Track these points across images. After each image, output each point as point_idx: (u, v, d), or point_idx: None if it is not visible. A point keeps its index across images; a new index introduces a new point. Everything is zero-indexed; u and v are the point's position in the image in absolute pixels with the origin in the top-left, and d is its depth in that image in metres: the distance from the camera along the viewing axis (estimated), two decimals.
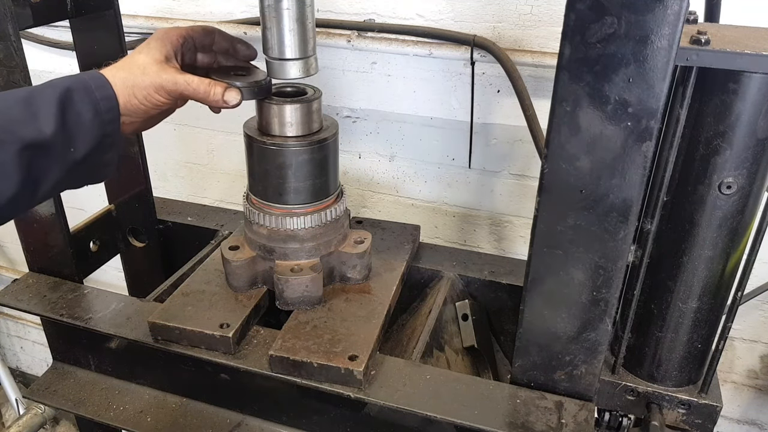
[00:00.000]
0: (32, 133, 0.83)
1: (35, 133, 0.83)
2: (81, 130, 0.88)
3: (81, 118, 0.87)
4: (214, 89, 0.99)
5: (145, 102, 0.95)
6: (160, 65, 0.96)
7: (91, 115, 0.88)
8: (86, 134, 0.88)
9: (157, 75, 0.95)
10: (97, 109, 0.89)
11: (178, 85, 0.96)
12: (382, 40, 1.68)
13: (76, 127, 0.87)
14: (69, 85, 0.88)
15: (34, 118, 0.84)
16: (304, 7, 1.04)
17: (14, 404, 2.59)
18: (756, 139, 0.85)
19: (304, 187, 1.14)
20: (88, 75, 0.92)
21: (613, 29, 0.78)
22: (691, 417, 1.08)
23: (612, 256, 0.93)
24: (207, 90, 0.99)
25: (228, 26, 1.80)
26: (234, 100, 1.01)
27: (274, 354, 1.07)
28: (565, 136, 0.86)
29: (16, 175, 0.82)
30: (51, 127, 0.84)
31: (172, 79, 0.96)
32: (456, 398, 1.04)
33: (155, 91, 0.95)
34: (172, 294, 1.22)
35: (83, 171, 0.92)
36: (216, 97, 1.00)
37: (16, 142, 0.81)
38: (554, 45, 1.42)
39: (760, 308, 1.79)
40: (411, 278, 1.43)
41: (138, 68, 0.95)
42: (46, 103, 0.85)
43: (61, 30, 2.07)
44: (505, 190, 1.83)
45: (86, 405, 1.27)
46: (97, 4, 1.30)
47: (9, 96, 0.86)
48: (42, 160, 0.85)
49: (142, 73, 0.95)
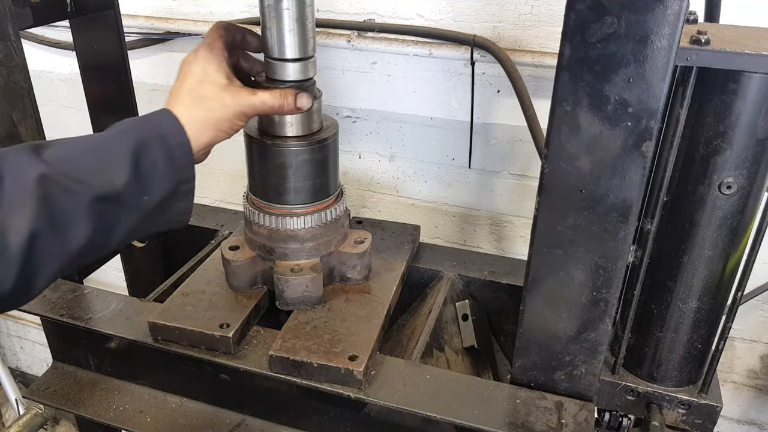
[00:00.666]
0: (104, 185, 0.83)
1: (107, 185, 0.83)
2: (155, 179, 0.87)
3: (155, 167, 0.87)
4: (287, 100, 1.01)
5: (230, 131, 0.97)
6: (230, 91, 0.96)
7: (164, 164, 0.88)
8: (160, 182, 0.88)
9: (235, 104, 0.95)
10: (171, 157, 0.89)
11: (255, 107, 0.97)
12: (382, 40, 1.68)
13: (150, 176, 0.87)
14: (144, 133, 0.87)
15: (106, 169, 0.84)
16: (304, 7, 1.03)
17: (14, 404, 2.58)
18: (756, 139, 0.85)
19: (304, 187, 1.14)
20: (163, 120, 0.91)
21: (613, 29, 0.78)
22: (691, 417, 1.08)
23: (612, 256, 0.93)
24: (281, 103, 1.00)
25: None
26: (307, 104, 1.03)
27: (274, 354, 1.07)
28: (565, 136, 0.86)
29: (88, 225, 0.82)
30: (123, 179, 0.84)
31: (248, 103, 0.96)
32: (456, 398, 1.04)
33: (238, 119, 0.96)
34: (172, 294, 1.22)
35: (158, 218, 0.91)
36: (290, 106, 1.01)
37: (87, 194, 0.81)
38: (554, 45, 1.42)
39: (760, 308, 1.79)
40: (411, 278, 1.42)
41: (215, 101, 0.94)
42: (118, 153, 0.85)
43: (61, 30, 2.07)
44: (505, 190, 1.83)
45: (86, 405, 1.27)
46: (97, 4, 1.30)
47: (81, 142, 0.86)
48: (114, 210, 0.85)
49: (221, 106, 0.94)
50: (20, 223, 0.76)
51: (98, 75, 1.41)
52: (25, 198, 0.77)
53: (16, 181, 0.77)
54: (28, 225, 0.76)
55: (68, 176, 0.80)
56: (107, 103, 1.45)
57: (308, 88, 1.11)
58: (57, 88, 2.23)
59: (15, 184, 0.77)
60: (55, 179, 0.79)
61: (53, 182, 0.79)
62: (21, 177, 0.77)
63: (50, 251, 0.79)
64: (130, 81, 1.41)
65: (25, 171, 0.78)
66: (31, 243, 0.77)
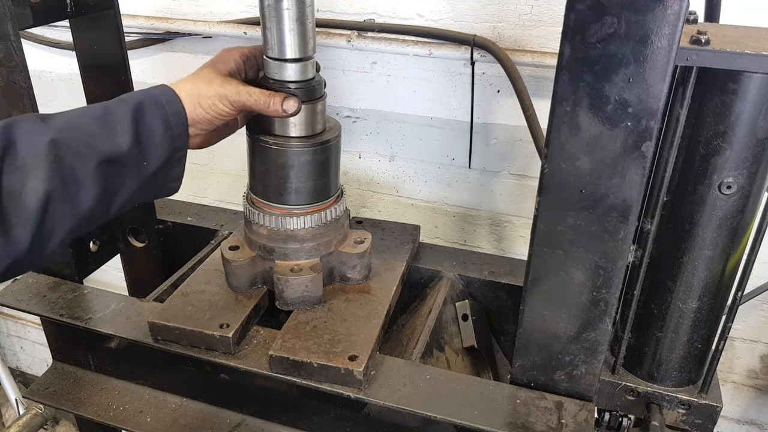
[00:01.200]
0: (110, 148, 0.88)
1: (113, 147, 0.88)
2: (153, 144, 0.93)
3: (153, 132, 0.92)
4: (273, 99, 1.04)
5: (210, 111, 1.00)
6: (224, 77, 1.02)
7: (162, 129, 0.93)
8: (158, 148, 0.93)
9: (221, 85, 1.00)
10: (168, 124, 0.94)
11: (240, 94, 1.01)
12: (382, 40, 1.67)
13: (149, 141, 0.92)
14: (141, 100, 0.93)
15: (111, 133, 0.89)
16: (304, 7, 1.03)
17: (14, 404, 2.59)
18: (756, 139, 0.85)
19: (305, 188, 1.14)
20: (158, 90, 0.96)
21: (613, 29, 0.78)
22: (691, 417, 1.08)
23: (612, 256, 0.93)
24: (267, 101, 1.03)
25: (228, 26, 1.80)
26: (292, 108, 1.05)
27: (274, 354, 1.07)
28: (565, 136, 0.86)
29: (95, 188, 0.87)
30: (127, 142, 0.89)
31: (234, 89, 1.01)
32: (456, 398, 1.04)
33: (219, 100, 1.00)
34: (172, 294, 1.22)
35: (154, 185, 0.97)
36: (275, 106, 1.04)
37: (96, 156, 0.86)
38: (554, 45, 1.42)
39: (760, 308, 1.79)
40: (411, 278, 1.43)
41: (203, 79, 1.01)
42: (121, 118, 0.90)
43: (61, 30, 2.07)
44: (505, 190, 1.83)
45: (86, 405, 1.27)
46: (97, 4, 1.30)
47: (86, 112, 0.91)
48: (118, 174, 0.90)
49: (207, 83, 1.00)
50: (36, 185, 0.80)
51: (98, 75, 1.41)
52: (39, 161, 0.81)
53: (28, 146, 0.81)
54: (43, 186, 0.80)
55: (77, 140, 0.85)
56: None
57: (314, 87, 1.11)
58: (57, 88, 2.23)
59: (28, 148, 0.81)
60: (65, 143, 0.84)
61: (64, 146, 0.83)
62: (33, 141, 0.82)
63: (62, 211, 0.84)
64: (130, 81, 1.41)
65: (37, 136, 0.82)
66: (45, 203, 0.81)
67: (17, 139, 0.81)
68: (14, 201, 0.79)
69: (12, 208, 0.79)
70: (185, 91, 0.98)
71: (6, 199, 0.79)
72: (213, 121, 1.02)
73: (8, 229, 0.79)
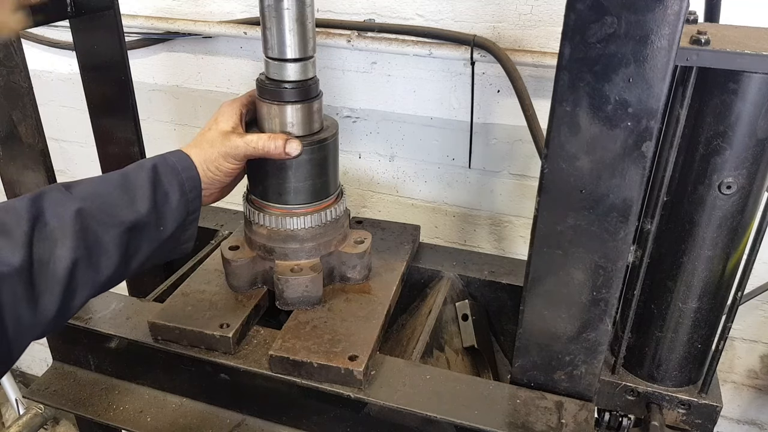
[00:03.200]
0: (131, 215, 0.92)
1: (133, 214, 0.92)
2: (170, 210, 0.96)
3: (169, 198, 0.96)
4: (275, 143, 1.06)
5: (217, 172, 1.04)
6: (225, 135, 1.05)
7: (178, 195, 0.97)
8: (174, 213, 0.97)
9: (222, 145, 1.04)
10: (183, 189, 0.98)
11: (239, 149, 1.04)
12: (382, 40, 1.67)
13: (165, 206, 0.96)
14: (157, 166, 0.97)
15: (132, 200, 0.93)
16: (304, 7, 1.04)
17: (14, 404, 2.59)
18: (756, 139, 0.85)
19: (304, 188, 1.14)
20: (174, 156, 1.01)
21: (613, 29, 0.78)
22: (691, 417, 1.08)
23: (612, 256, 0.93)
24: (268, 145, 1.05)
25: (228, 26, 1.80)
26: (295, 152, 1.07)
27: (274, 354, 1.07)
28: (565, 136, 0.86)
29: (116, 254, 0.90)
30: (146, 208, 0.93)
31: (233, 144, 1.04)
32: (456, 398, 1.04)
33: (224, 159, 1.04)
34: (172, 294, 1.22)
35: (168, 247, 1.00)
36: (278, 150, 1.06)
37: (119, 225, 0.90)
38: (554, 45, 1.42)
39: (760, 308, 1.79)
40: (411, 278, 1.42)
41: (207, 143, 1.05)
42: (140, 185, 0.94)
43: (61, 30, 2.07)
44: (505, 190, 1.83)
45: (86, 405, 1.27)
46: (97, 4, 1.30)
47: (106, 179, 0.95)
48: (136, 239, 0.93)
49: (210, 146, 1.04)
50: (64, 253, 0.84)
51: (98, 75, 1.41)
52: (66, 230, 0.85)
53: (55, 216, 0.85)
54: (70, 254, 0.84)
55: (100, 209, 0.89)
56: (107, 103, 1.45)
57: (311, 86, 1.11)
58: (57, 88, 2.23)
59: (55, 219, 0.85)
60: (89, 212, 0.88)
61: (89, 215, 0.87)
62: (60, 212, 0.86)
63: (86, 278, 0.87)
64: (130, 81, 1.41)
65: (63, 206, 0.86)
66: (72, 270, 0.84)
67: (45, 210, 0.85)
68: (43, 270, 0.82)
69: (41, 276, 0.82)
70: (194, 155, 1.02)
71: (36, 268, 0.81)
72: (223, 180, 1.06)
73: (37, 298, 0.82)
